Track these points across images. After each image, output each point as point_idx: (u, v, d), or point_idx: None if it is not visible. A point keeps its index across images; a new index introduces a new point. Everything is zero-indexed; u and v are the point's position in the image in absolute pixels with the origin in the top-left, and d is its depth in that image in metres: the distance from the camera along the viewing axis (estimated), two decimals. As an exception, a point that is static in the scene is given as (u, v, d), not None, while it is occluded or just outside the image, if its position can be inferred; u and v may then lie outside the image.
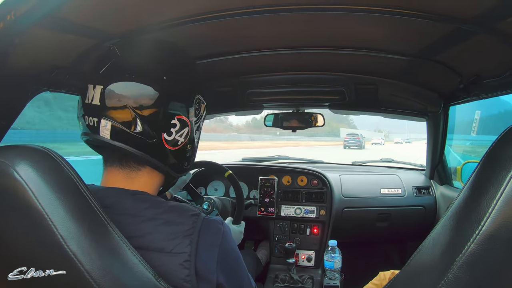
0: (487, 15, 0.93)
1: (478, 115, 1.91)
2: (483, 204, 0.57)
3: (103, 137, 0.80)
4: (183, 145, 0.88)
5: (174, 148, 0.86)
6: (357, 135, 31.06)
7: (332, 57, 1.55)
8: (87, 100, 0.81)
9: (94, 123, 0.81)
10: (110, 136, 0.80)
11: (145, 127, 0.80)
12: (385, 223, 2.14)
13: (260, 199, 2.10)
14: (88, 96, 0.81)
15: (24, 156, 0.65)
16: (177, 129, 0.85)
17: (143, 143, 0.81)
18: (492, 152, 0.63)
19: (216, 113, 2.23)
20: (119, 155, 0.84)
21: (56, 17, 0.80)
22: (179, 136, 0.85)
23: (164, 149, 0.84)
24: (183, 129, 0.86)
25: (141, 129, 0.80)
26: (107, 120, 0.80)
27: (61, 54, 1.01)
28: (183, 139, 0.87)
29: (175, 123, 0.84)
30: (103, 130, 0.80)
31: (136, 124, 0.80)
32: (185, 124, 0.86)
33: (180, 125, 0.85)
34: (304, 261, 2.04)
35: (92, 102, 0.80)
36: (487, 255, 0.55)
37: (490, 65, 1.27)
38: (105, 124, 0.80)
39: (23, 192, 0.62)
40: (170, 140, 0.84)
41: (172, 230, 0.76)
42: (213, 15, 1.01)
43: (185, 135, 0.87)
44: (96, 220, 0.68)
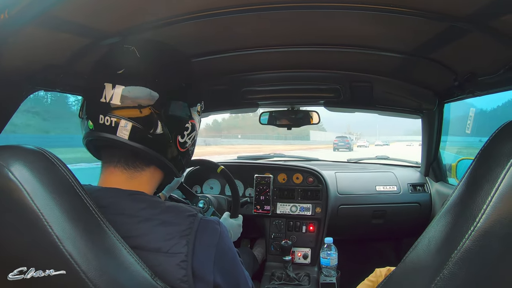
0: (481, 13, 0.93)
1: (472, 112, 1.91)
2: (478, 201, 0.57)
3: (120, 138, 0.80)
4: (189, 147, 0.92)
5: (183, 150, 0.90)
6: (346, 137, 31.89)
7: (327, 54, 1.56)
8: (103, 99, 0.80)
9: (111, 122, 0.80)
10: (128, 137, 0.80)
11: (164, 129, 0.82)
12: (380, 220, 2.15)
13: (255, 197, 2.10)
14: (106, 95, 0.80)
15: (19, 156, 0.65)
16: (189, 132, 0.89)
17: (159, 144, 0.83)
18: (487, 149, 0.63)
19: (210, 112, 2.23)
20: (126, 155, 0.84)
21: (50, 16, 0.80)
22: (188, 138, 0.90)
23: (176, 150, 0.87)
24: (192, 132, 0.91)
25: (161, 131, 0.82)
26: (128, 121, 0.80)
27: (55, 53, 1.00)
28: (190, 142, 0.92)
29: (188, 127, 0.89)
30: (122, 130, 0.80)
31: (157, 126, 0.81)
32: (194, 127, 0.91)
33: (191, 128, 0.90)
34: (300, 259, 2.05)
35: (111, 101, 0.79)
36: (482, 251, 0.55)
37: (485, 63, 1.28)
38: (125, 125, 0.80)
39: (18, 192, 0.61)
40: (182, 142, 0.88)
41: (169, 230, 0.76)
42: (207, 13, 1.01)
43: (192, 137, 0.92)
44: (91, 220, 0.67)
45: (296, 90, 1.96)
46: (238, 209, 1.65)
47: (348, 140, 30.13)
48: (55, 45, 0.96)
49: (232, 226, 1.55)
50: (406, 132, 62.15)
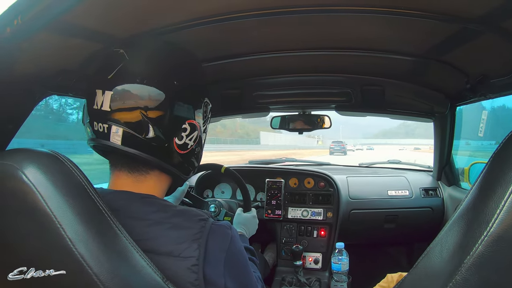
0: (493, 14, 0.92)
1: (485, 115, 1.89)
2: (491, 205, 0.56)
3: (114, 143, 0.80)
4: (192, 148, 0.88)
5: (184, 152, 0.87)
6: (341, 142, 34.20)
7: (338, 58, 1.55)
8: (96, 106, 0.80)
9: (104, 129, 0.80)
10: (121, 142, 0.80)
11: (157, 132, 0.80)
12: (392, 225, 2.13)
13: (267, 201, 2.10)
14: (97, 101, 0.80)
15: (33, 159, 0.66)
16: (187, 133, 0.86)
17: (155, 148, 0.82)
18: (500, 152, 0.62)
19: (222, 116, 2.24)
20: (127, 160, 0.84)
21: (62, 22, 0.81)
22: (189, 140, 0.86)
23: (175, 153, 0.85)
24: (192, 133, 0.87)
25: (153, 134, 0.80)
26: (118, 126, 0.79)
27: (68, 58, 1.01)
28: (192, 143, 0.88)
29: (186, 128, 0.85)
30: (114, 136, 0.79)
31: (148, 130, 0.80)
32: (194, 128, 0.87)
33: (190, 129, 0.86)
34: (311, 264, 2.03)
35: (101, 108, 0.79)
36: (495, 257, 0.54)
37: (497, 65, 1.26)
38: (116, 130, 0.79)
39: (31, 195, 0.62)
40: (181, 144, 0.85)
41: (180, 234, 0.76)
42: (219, 18, 1.01)
43: (194, 138, 0.88)
44: (104, 223, 0.68)
45: (307, 94, 1.95)
46: (250, 202, 1.64)
47: (343, 145, 32.61)
48: (67, 51, 0.97)
49: (247, 220, 1.55)
50: (364, 136, 61.33)
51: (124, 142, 0.80)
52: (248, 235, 1.50)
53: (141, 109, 0.79)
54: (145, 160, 0.82)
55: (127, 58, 0.82)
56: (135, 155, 0.81)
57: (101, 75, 0.82)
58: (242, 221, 1.54)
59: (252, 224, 1.56)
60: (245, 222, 1.54)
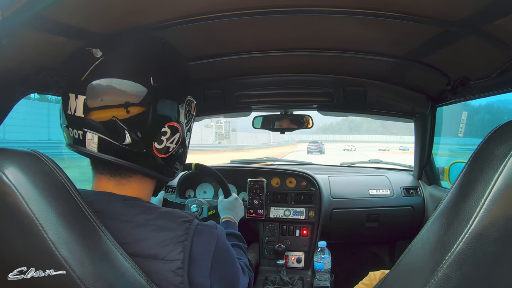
0: (475, 18, 0.94)
1: (465, 116, 1.93)
2: (472, 203, 0.57)
3: (90, 150, 0.77)
4: (174, 151, 0.85)
5: (166, 155, 0.84)
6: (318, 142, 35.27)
7: (320, 59, 1.56)
8: (69, 111, 0.77)
9: (79, 135, 0.77)
10: (97, 149, 0.77)
11: (134, 138, 0.77)
12: (374, 224, 2.16)
13: (249, 201, 2.10)
14: (70, 106, 0.76)
15: (13, 159, 0.64)
16: (168, 137, 0.82)
17: (133, 154, 0.79)
18: (480, 152, 0.63)
19: (204, 116, 2.22)
20: (108, 165, 0.82)
21: (43, 18, 0.79)
22: (170, 143, 0.83)
23: (155, 157, 0.82)
24: (174, 136, 0.83)
25: (130, 140, 0.77)
26: (93, 133, 0.76)
27: (49, 55, 0.99)
28: (174, 145, 0.85)
29: (166, 131, 0.81)
30: (90, 143, 0.77)
31: (125, 136, 0.76)
32: (176, 130, 0.83)
33: (170, 132, 0.82)
34: (294, 263, 2.04)
35: (75, 113, 0.76)
36: (476, 253, 0.55)
37: (477, 67, 1.29)
38: (91, 137, 0.76)
39: (12, 196, 0.60)
40: (161, 148, 0.82)
41: (165, 236, 0.75)
42: (201, 17, 1.01)
43: (176, 140, 0.85)
44: (87, 225, 0.67)
45: (290, 94, 1.96)
46: (228, 188, 1.63)
47: (320, 145, 33.74)
48: (48, 48, 0.94)
49: (231, 203, 1.52)
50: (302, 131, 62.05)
51: (101, 149, 0.77)
52: (236, 219, 1.46)
53: (117, 115, 0.75)
54: (124, 167, 0.80)
55: (101, 57, 0.78)
56: (113, 162, 0.78)
57: (74, 78, 0.78)
58: (226, 205, 1.51)
59: (237, 206, 1.53)
60: (230, 206, 1.50)
